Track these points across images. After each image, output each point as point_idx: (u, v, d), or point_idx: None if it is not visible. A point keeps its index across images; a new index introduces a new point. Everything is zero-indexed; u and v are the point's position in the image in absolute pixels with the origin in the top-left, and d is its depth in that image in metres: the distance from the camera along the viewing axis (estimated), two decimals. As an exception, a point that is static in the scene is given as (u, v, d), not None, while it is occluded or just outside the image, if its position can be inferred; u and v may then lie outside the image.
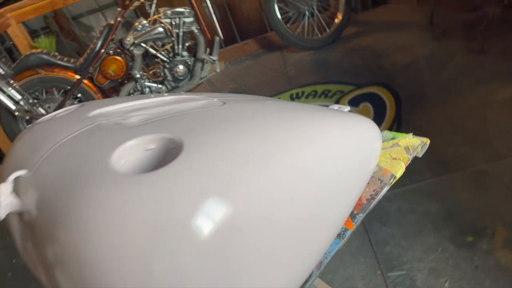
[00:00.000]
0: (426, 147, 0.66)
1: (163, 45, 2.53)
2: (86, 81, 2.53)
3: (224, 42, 3.24)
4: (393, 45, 2.83)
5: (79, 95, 2.59)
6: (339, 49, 3.08)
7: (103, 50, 2.44)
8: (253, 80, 3.10)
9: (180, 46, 2.51)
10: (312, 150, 0.49)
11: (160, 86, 2.59)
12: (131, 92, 2.58)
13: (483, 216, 1.43)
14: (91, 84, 2.56)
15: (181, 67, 2.56)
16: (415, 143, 0.65)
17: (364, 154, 0.57)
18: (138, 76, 2.51)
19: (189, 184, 0.37)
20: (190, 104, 0.54)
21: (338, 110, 0.65)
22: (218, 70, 2.66)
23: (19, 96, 2.42)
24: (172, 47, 2.53)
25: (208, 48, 2.58)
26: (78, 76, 2.49)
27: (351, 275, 1.41)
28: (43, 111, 2.52)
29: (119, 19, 2.44)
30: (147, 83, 2.56)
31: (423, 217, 1.51)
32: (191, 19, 2.49)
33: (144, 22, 2.44)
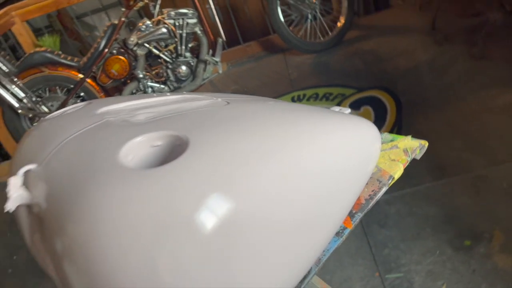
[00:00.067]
0: (425, 149, 0.67)
1: (166, 45, 2.55)
2: (89, 80, 2.55)
3: (227, 44, 3.26)
4: (395, 49, 2.85)
5: (82, 94, 2.61)
6: (341, 52, 3.09)
7: (106, 50, 2.46)
8: (255, 82, 3.11)
9: (183, 47, 2.53)
10: (313, 150, 0.51)
11: (162, 86, 2.61)
12: (134, 91, 2.60)
13: (481, 220, 1.44)
14: (94, 83, 2.58)
15: (183, 67, 2.57)
16: (413, 145, 0.67)
17: (363, 155, 0.58)
18: (141, 76, 2.52)
19: (194, 180, 0.38)
20: (195, 104, 0.55)
21: (339, 112, 0.66)
22: (221, 72, 2.68)
23: (22, 94, 2.44)
24: (175, 48, 2.55)
25: (211, 50, 2.60)
26: (81, 75, 2.51)
27: (349, 277, 1.42)
28: (46, 109, 2.54)
29: (123, 19, 2.46)
30: (149, 83, 2.58)
31: (422, 220, 1.52)
32: (195, 21, 2.50)
33: (148, 22, 2.46)
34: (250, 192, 0.42)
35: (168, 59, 2.56)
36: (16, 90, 2.42)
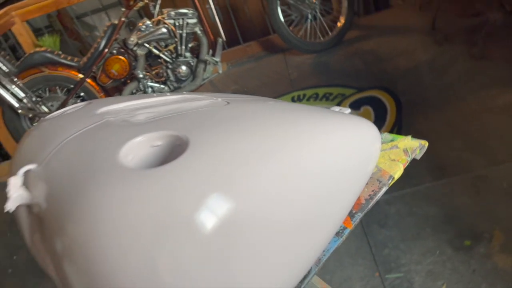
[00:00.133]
0: (425, 149, 0.67)
1: (166, 45, 2.55)
2: (89, 80, 2.55)
3: (227, 44, 3.26)
4: (395, 49, 2.85)
5: (82, 94, 2.61)
6: (341, 52, 3.09)
7: (106, 50, 2.46)
8: (255, 82, 3.12)
9: (183, 47, 2.53)
10: (313, 150, 0.51)
11: (162, 86, 2.61)
12: (134, 91, 2.60)
13: (481, 221, 1.44)
14: (94, 83, 2.58)
15: (183, 67, 2.58)
16: (413, 145, 0.67)
17: (363, 155, 0.58)
18: (141, 76, 2.53)
19: (194, 180, 0.38)
20: (195, 104, 0.55)
21: (339, 112, 0.66)
22: (221, 72, 2.68)
23: (22, 94, 2.44)
24: (175, 48, 2.55)
25: (211, 50, 2.60)
26: (81, 75, 2.51)
27: (349, 277, 1.42)
28: (46, 109, 2.54)
29: (123, 19, 2.46)
30: (149, 83, 2.58)
31: (422, 220, 1.52)
32: (195, 21, 2.50)
33: (148, 22, 2.46)
34: (250, 192, 0.42)
35: (168, 59, 2.56)
36: (16, 90, 2.42)
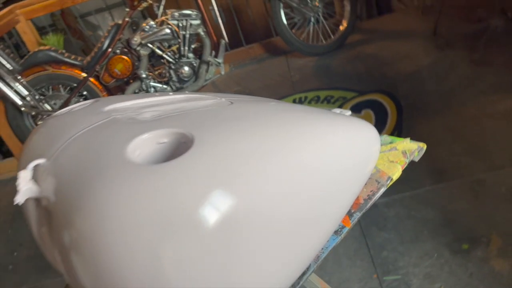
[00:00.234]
0: (423, 151, 0.68)
1: (169, 46, 2.56)
2: (92, 79, 2.56)
3: (230, 46, 3.27)
4: (396, 53, 2.86)
5: (85, 92, 2.62)
6: (343, 56, 3.11)
7: (110, 49, 2.48)
8: (257, 83, 3.13)
9: (186, 48, 2.55)
10: (314, 149, 0.52)
11: (165, 86, 2.62)
12: (136, 91, 2.61)
13: (479, 225, 1.45)
14: (97, 82, 2.60)
15: (186, 68, 2.59)
16: (412, 148, 0.68)
17: (363, 155, 0.60)
18: (143, 76, 2.54)
19: (199, 175, 0.39)
20: (200, 103, 0.56)
21: (340, 114, 0.68)
22: (223, 73, 2.69)
23: (26, 92, 2.45)
24: (178, 49, 2.57)
25: (214, 51, 2.62)
26: (84, 74, 2.52)
27: (348, 278, 1.44)
28: (49, 107, 2.55)
29: (127, 19, 2.48)
30: (152, 83, 2.59)
31: (421, 223, 1.53)
32: (198, 22, 2.52)
33: (152, 23, 2.48)
34: (253, 189, 0.44)
35: (171, 60, 2.57)
36: (20, 88, 2.44)
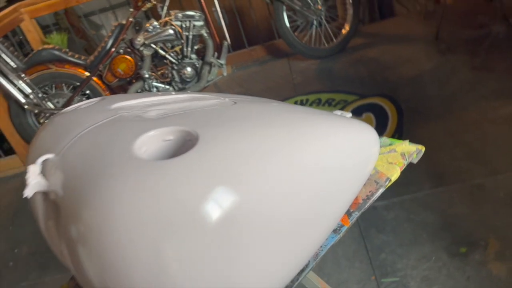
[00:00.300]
0: (421, 154, 0.70)
1: (172, 47, 2.58)
2: (95, 78, 2.58)
3: (232, 47, 3.29)
4: (398, 57, 2.87)
5: (88, 91, 2.64)
6: (345, 59, 3.12)
7: (113, 49, 2.50)
8: (259, 85, 3.14)
9: (189, 49, 2.56)
10: (315, 150, 0.53)
11: (167, 86, 2.64)
12: (139, 91, 2.63)
13: (478, 228, 1.46)
14: (100, 82, 2.61)
15: (189, 69, 2.61)
16: (411, 150, 0.69)
17: (362, 156, 0.61)
18: (146, 76, 2.56)
19: (203, 172, 0.41)
20: (204, 102, 0.58)
21: (341, 115, 0.69)
22: (225, 74, 2.71)
23: (29, 90, 2.47)
24: (181, 49, 2.58)
25: (216, 52, 2.63)
26: (87, 73, 2.54)
27: (346, 279, 1.45)
28: (52, 105, 2.57)
29: (131, 19, 2.50)
30: (154, 83, 2.61)
31: (420, 226, 1.54)
32: (201, 23, 2.54)
33: (155, 23, 2.49)
34: (255, 187, 0.45)
35: (173, 60, 2.59)
36: (23, 86, 2.45)
